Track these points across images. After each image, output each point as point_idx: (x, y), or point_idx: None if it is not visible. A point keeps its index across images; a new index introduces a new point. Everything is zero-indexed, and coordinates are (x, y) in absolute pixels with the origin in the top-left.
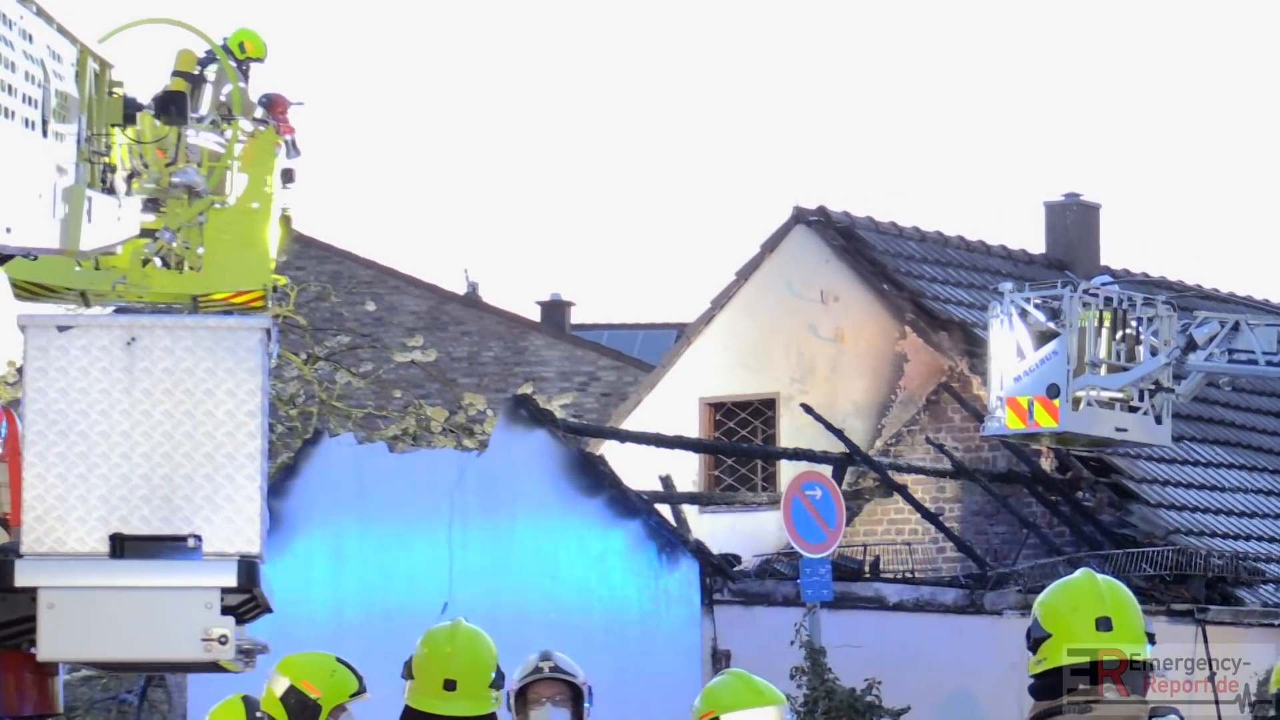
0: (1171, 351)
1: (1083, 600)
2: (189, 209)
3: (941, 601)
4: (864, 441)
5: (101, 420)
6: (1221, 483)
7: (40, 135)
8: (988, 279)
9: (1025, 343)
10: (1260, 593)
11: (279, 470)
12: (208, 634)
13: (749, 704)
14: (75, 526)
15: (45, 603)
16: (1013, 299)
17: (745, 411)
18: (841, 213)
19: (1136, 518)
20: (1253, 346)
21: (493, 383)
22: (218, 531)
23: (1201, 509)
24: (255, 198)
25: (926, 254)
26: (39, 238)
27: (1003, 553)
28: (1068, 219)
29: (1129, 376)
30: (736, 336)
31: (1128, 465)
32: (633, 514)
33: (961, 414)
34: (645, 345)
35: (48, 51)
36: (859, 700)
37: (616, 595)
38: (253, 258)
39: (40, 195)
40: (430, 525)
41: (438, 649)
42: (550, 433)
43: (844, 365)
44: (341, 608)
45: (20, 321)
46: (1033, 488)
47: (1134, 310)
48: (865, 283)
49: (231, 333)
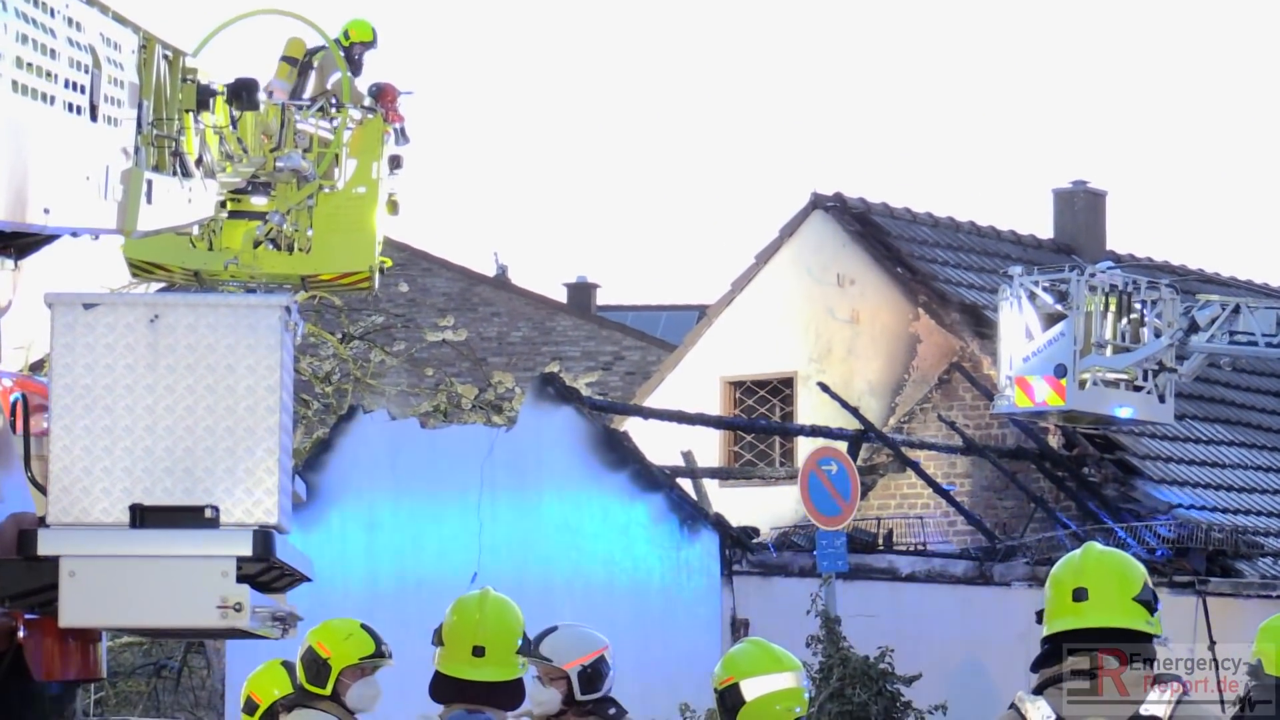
0: (1174, 333)
1: (1064, 573)
2: (298, 193)
3: (952, 573)
4: (878, 419)
5: (125, 395)
6: (1222, 459)
7: (89, 120)
8: (998, 263)
9: (1034, 324)
10: (1259, 565)
11: (315, 445)
12: (224, 601)
13: (767, 670)
14: (100, 498)
15: (66, 570)
16: (1022, 282)
17: (764, 390)
18: (857, 199)
19: (1140, 493)
20: (1253, 329)
21: (521, 361)
22: (237, 503)
23: (1202, 485)
24: (362, 183)
25: (939, 239)
26: (88, 218)
27: (1011, 526)
28: (1075, 205)
29: (1133, 357)
30: (756, 318)
31: (1131, 442)
32: (655, 488)
33: (972, 393)
34: (668, 326)
35: (100, 39)
36: (872, 668)
37: (639, 566)
38: (359, 241)
39: (88, 177)
40: (460, 498)
41: (467, 617)
42: (576, 410)
43: (859, 346)
44: (375, 577)
45: (48, 299)
46: (1040, 464)
47: (1138, 294)
48: (880, 266)
49: (252, 310)
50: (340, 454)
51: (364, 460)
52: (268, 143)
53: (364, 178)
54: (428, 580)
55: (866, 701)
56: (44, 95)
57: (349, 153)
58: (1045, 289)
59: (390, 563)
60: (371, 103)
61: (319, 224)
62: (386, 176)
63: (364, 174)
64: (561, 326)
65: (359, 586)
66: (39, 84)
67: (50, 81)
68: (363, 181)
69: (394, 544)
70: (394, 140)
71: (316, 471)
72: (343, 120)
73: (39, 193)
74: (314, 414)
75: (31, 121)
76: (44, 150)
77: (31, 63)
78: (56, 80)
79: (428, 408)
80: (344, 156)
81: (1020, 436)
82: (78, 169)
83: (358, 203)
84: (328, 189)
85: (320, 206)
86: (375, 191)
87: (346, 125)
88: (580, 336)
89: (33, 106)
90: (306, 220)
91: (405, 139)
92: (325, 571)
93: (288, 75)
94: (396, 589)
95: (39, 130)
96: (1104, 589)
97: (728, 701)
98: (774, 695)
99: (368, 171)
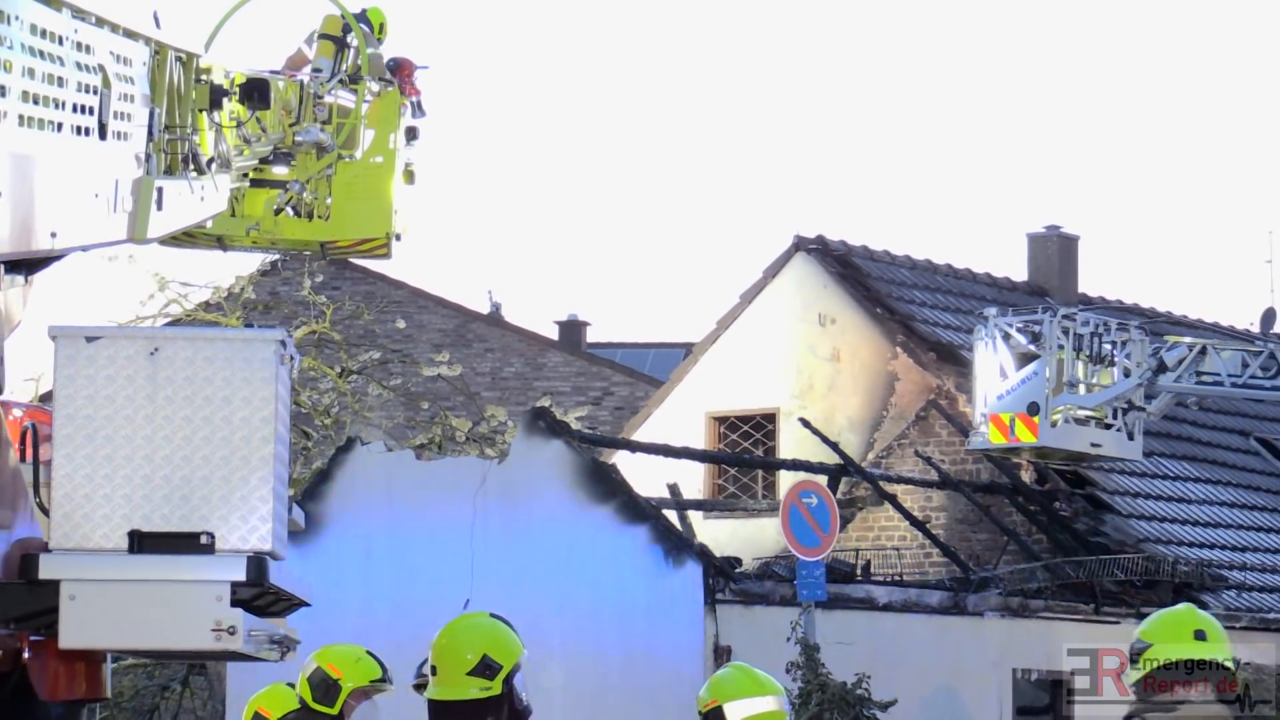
0: (1143, 373)
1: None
2: (317, 163)
3: (927, 603)
4: (857, 454)
5: (125, 425)
6: (1188, 495)
7: (97, 139)
8: (973, 304)
9: (1008, 364)
10: (1223, 597)
11: (314, 475)
12: (218, 625)
13: (751, 693)
14: (100, 523)
15: (66, 594)
16: (996, 323)
17: (748, 425)
18: (839, 242)
19: (1109, 527)
20: (1219, 369)
21: (513, 396)
22: (232, 529)
23: (1169, 519)
24: (380, 153)
25: (917, 280)
26: (97, 233)
27: (984, 558)
28: (1048, 249)
29: (1104, 396)
30: (740, 355)
31: (1101, 478)
32: (642, 519)
33: (948, 429)
34: (655, 363)
35: (110, 57)
36: (850, 694)
37: (626, 594)
38: (376, 209)
39: (97, 195)
40: (454, 528)
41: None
42: (566, 443)
43: (840, 383)
44: (371, 603)
45: (51, 332)
46: (1013, 498)
47: (1109, 335)
48: (860, 306)
49: (247, 344)
50: (338, 484)
51: (361, 490)
52: (287, 117)
53: (381, 148)
54: (422, 606)
55: None
56: (51, 124)
57: (367, 124)
58: (1019, 330)
59: (386, 589)
60: (390, 76)
61: (338, 192)
62: (403, 147)
63: (381, 144)
64: (553, 362)
65: (355, 611)
66: (46, 114)
67: (58, 109)
68: (380, 151)
69: (390, 570)
70: (411, 113)
71: (315, 500)
72: (361, 92)
73: (46, 218)
74: (314, 445)
75: (38, 151)
76: (50, 176)
77: (38, 94)
78: (64, 107)
79: (423, 440)
80: (362, 127)
81: (994, 472)
82: (86, 188)
83: (375, 172)
84: (346, 158)
85: (339, 175)
86: (392, 161)
87: (365, 97)
88: (571, 372)
89: (39, 136)
90: (325, 189)
91: (422, 112)
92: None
93: (331, 54)
94: (392, 614)
95: (45, 158)
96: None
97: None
98: (756, 718)
99: (385, 142)
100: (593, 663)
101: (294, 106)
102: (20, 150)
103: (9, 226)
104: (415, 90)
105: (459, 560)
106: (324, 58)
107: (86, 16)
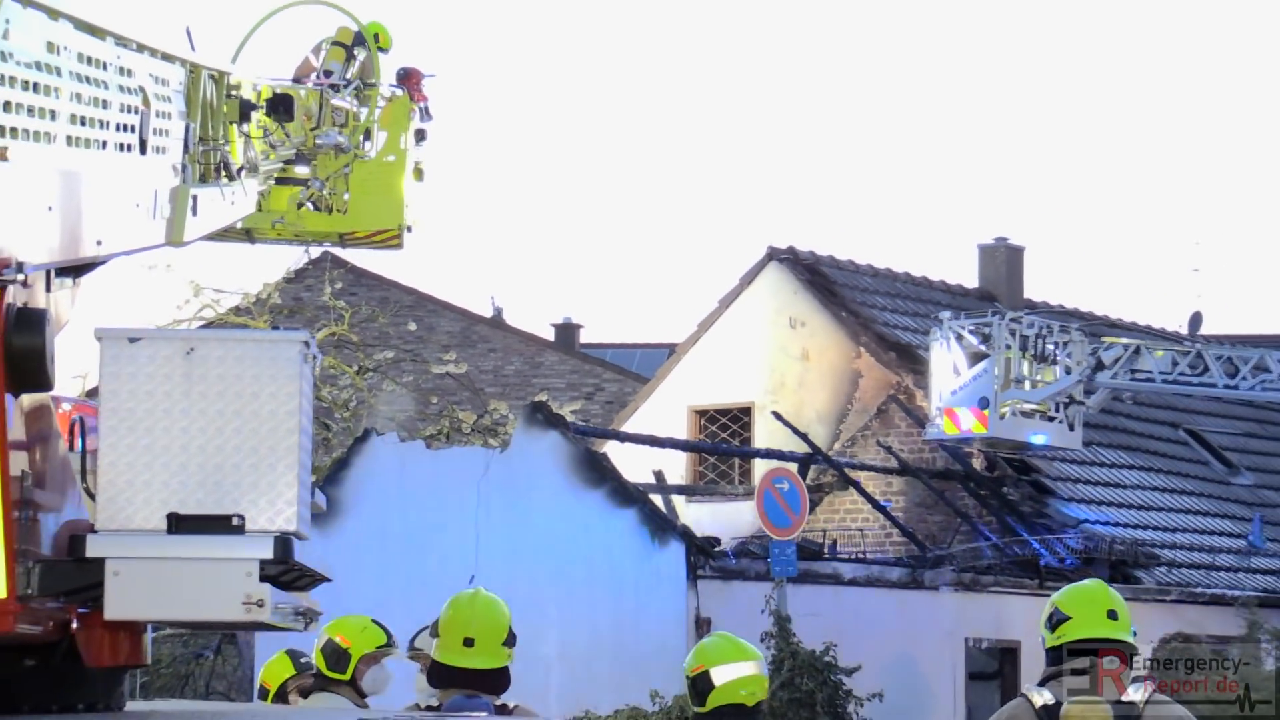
0: (1082, 371)
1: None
2: (335, 162)
3: (888, 578)
4: (825, 444)
5: (163, 417)
6: (1123, 481)
7: (138, 154)
8: (929, 309)
9: (960, 362)
10: (1155, 573)
11: (334, 463)
12: (248, 598)
13: (734, 658)
14: (140, 507)
15: (110, 570)
16: (950, 326)
17: (725, 417)
18: (808, 252)
19: (1052, 510)
20: (1151, 368)
21: (514, 392)
22: (260, 512)
23: (1106, 503)
24: (392, 152)
25: (878, 287)
26: (139, 239)
27: (939, 538)
28: (997, 259)
29: (1047, 392)
30: (719, 354)
31: (1045, 465)
32: (630, 503)
33: (907, 421)
34: (642, 361)
35: (150, 79)
36: (818, 660)
37: (616, 570)
38: (389, 203)
39: (138, 204)
40: (460, 511)
41: (460, 612)
42: (562, 434)
43: (809, 380)
44: (386, 578)
45: (97, 333)
46: (965, 484)
47: (1051, 336)
48: (827, 311)
49: (274, 345)
50: (355, 471)
51: (376, 477)
52: (308, 123)
53: (393, 148)
54: (431, 580)
55: (813, 690)
56: (97, 142)
57: (380, 126)
58: (970, 331)
59: (399, 565)
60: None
61: (354, 188)
62: (413, 147)
63: (393, 145)
64: (549, 361)
65: (371, 585)
66: (92, 133)
67: (102, 129)
68: (392, 151)
69: (402, 549)
70: (419, 117)
71: (335, 486)
72: (373, 98)
73: (92, 227)
74: (333, 436)
75: (84, 167)
76: (96, 189)
77: (85, 116)
78: (108, 126)
79: (432, 431)
80: (375, 130)
81: (948, 460)
82: (128, 198)
83: (388, 170)
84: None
85: (355, 173)
86: (403, 160)
87: (377, 103)
88: (565, 370)
89: (86, 154)
90: (343, 185)
91: (429, 115)
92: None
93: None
94: (404, 588)
95: (91, 173)
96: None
97: (699, 686)
98: (739, 681)
99: (396, 143)
100: (585, 632)
101: (314, 112)
102: (68, 168)
103: (59, 236)
104: (423, 96)
105: (465, 540)
106: (335, 61)
107: (128, 43)
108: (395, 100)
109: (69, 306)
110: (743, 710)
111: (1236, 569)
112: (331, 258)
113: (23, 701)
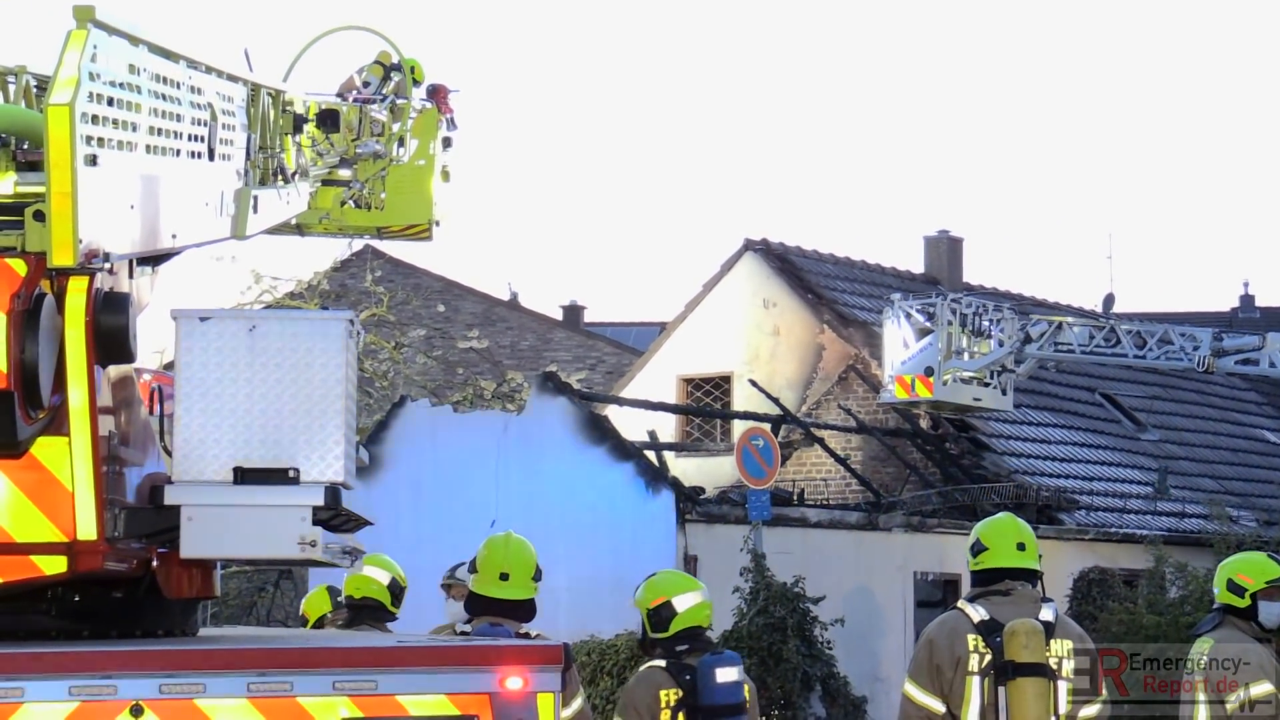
0: (1013, 344)
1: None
2: (373, 166)
3: (848, 521)
4: (794, 407)
5: (230, 385)
6: (1049, 438)
7: (207, 160)
8: (883, 291)
9: (909, 337)
10: (1075, 516)
11: (375, 425)
12: (302, 539)
13: (689, 588)
14: (210, 462)
15: (185, 516)
16: (900, 305)
17: (709, 385)
18: (779, 243)
19: (988, 462)
20: (1071, 341)
21: (528, 364)
22: (313, 465)
23: (1034, 456)
24: (422, 157)
25: (839, 273)
26: (208, 233)
27: (892, 488)
28: (940, 248)
29: (983, 361)
30: (703, 331)
31: (981, 424)
32: (627, 458)
33: (864, 387)
34: (638, 337)
35: (217, 96)
36: (789, 591)
37: (616, 516)
38: (420, 201)
39: (207, 203)
40: (483, 465)
41: (496, 551)
42: (569, 400)
43: (780, 352)
44: (419, 523)
45: (173, 314)
46: (914, 440)
47: (987, 314)
48: (796, 293)
49: (324, 323)
50: (393, 431)
51: (411, 436)
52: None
53: (423, 153)
54: (458, 525)
55: (784, 616)
56: (171, 150)
57: (411, 135)
58: (918, 310)
59: (430, 511)
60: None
61: (390, 189)
62: (440, 153)
63: (423, 151)
64: (558, 337)
65: (407, 529)
66: (167, 143)
67: (176, 139)
68: (422, 156)
69: (433, 497)
70: (446, 126)
71: (376, 444)
72: (406, 111)
73: (168, 223)
74: (374, 402)
75: (161, 171)
76: (172, 190)
77: (162, 128)
78: (181, 137)
79: (458, 397)
80: (408, 138)
81: (899, 420)
82: (198, 198)
83: (419, 172)
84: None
85: (390, 176)
86: (432, 164)
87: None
88: (572, 345)
89: (162, 160)
90: (380, 186)
91: (454, 125)
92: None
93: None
94: (435, 531)
95: (168, 177)
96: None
97: (663, 614)
98: (698, 606)
99: (426, 149)
100: (590, 568)
101: (355, 125)
102: (148, 172)
103: (139, 231)
104: (449, 109)
105: (486, 490)
106: (374, 75)
107: (198, 66)
108: (425, 112)
109: (149, 291)
110: (699, 631)
111: (1144, 512)
112: (371, 249)
113: (111, 628)
